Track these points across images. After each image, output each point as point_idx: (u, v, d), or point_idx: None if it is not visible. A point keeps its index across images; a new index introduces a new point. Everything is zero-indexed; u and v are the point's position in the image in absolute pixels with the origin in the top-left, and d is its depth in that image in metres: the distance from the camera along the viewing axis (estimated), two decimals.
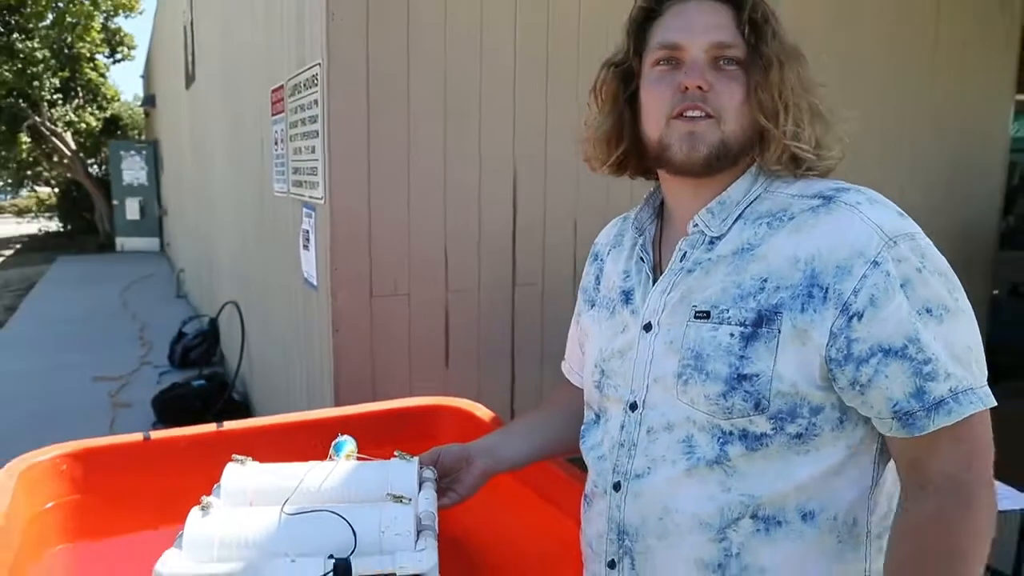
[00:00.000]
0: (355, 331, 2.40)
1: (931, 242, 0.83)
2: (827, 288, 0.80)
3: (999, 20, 3.93)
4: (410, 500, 0.96)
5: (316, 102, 2.39)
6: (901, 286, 0.79)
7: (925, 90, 3.70)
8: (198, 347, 5.38)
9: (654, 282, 0.95)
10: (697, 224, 0.91)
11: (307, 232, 2.60)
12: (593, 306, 1.07)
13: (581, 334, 1.12)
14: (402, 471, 1.01)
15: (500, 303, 2.61)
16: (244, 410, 4.29)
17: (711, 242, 0.90)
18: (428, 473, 1.05)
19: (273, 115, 3.11)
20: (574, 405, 1.13)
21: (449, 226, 2.48)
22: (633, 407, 0.93)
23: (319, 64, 2.33)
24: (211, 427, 1.69)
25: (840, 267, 0.80)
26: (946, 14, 3.70)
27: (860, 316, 0.79)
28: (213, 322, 5.43)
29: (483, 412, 1.78)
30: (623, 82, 0.96)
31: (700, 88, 0.86)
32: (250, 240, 4.04)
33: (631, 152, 0.98)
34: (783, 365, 0.82)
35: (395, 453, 1.03)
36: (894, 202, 0.87)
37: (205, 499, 0.92)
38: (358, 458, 1.04)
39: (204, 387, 4.30)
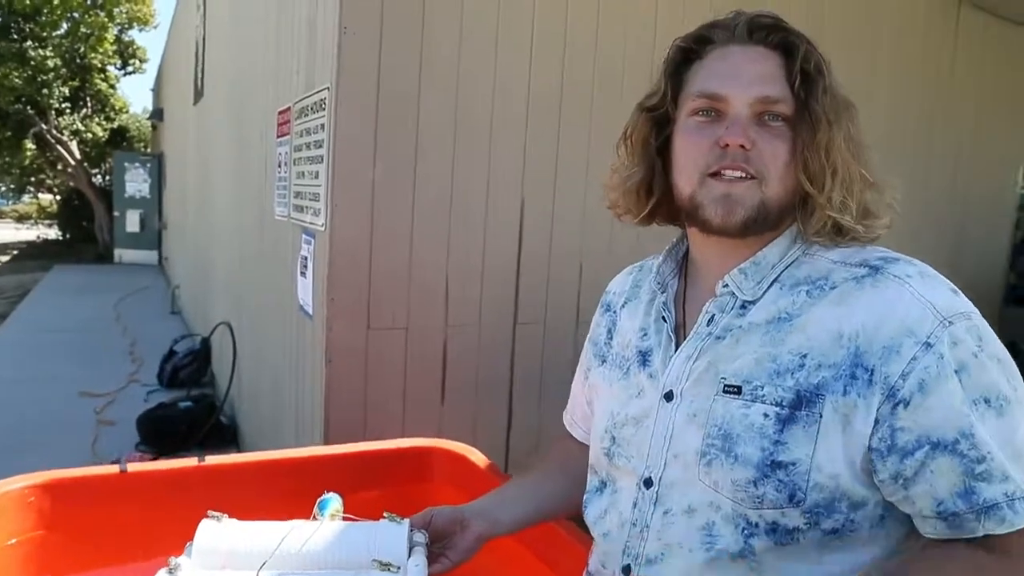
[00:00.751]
0: (349, 363, 2.32)
1: (987, 324, 0.75)
2: (872, 370, 0.72)
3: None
4: (398, 568, 0.88)
5: (323, 126, 2.33)
6: (956, 371, 0.70)
7: (938, 139, 3.68)
8: (188, 367, 5.27)
9: (676, 345, 0.87)
10: (728, 285, 0.83)
11: (305, 259, 2.53)
12: (604, 362, 0.99)
13: (589, 390, 1.04)
14: (390, 534, 0.93)
15: (500, 341, 2.54)
16: (231, 434, 4.18)
17: (743, 306, 0.82)
18: (419, 537, 0.96)
19: (278, 137, 3.05)
20: (576, 462, 1.05)
21: (451, 259, 2.42)
22: (648, 483, 0.84)
23: (327, 88, 2.28)
24: (192, 461, 1.61)
25: (887, 347, 0.72)
26: (960, 65, 3.69)
27: (907, 403, 0.71)
28: (205, 342, 5.33)
29: (477, 456, 1.71)
30: (656, 127, 0.88)
31: (742, 147, 0.78)
32: (248, 262, 3.97)
33: (662, 201, 0.90)
34: (823, 454, 0.73)
35: (384, 514, 0.95)
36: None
37: (173, 560, 0.84)
38: (344, 518, 0.96)
39: (191, 409, 4.18)
